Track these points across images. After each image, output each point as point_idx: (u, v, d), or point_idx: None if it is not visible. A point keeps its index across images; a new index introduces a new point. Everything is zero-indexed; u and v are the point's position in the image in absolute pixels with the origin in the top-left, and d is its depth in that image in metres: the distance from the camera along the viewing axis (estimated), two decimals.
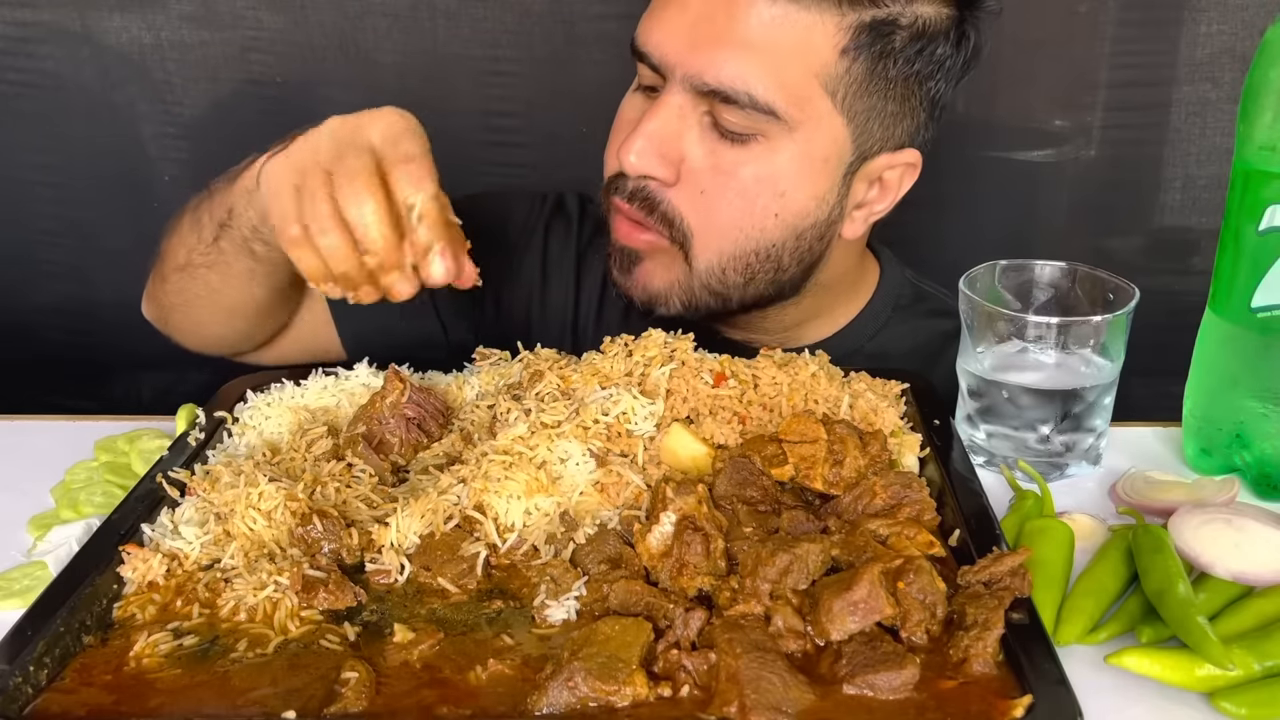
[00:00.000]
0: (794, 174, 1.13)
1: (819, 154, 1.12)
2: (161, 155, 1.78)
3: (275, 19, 1.70)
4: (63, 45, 1.71)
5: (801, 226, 1.16)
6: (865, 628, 0.75)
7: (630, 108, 1.19)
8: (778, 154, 1.11)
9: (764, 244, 1.16)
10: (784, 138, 1.10)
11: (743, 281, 1.18)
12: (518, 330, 1.35)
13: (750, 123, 1.09)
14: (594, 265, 1.36)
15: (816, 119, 1.10)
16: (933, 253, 1.49)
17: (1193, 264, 1.82)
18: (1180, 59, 1.70)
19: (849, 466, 0.92)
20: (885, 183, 1.19)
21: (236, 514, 0.87)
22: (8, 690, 0.71)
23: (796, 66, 1.08)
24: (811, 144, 1.11)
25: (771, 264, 1.18)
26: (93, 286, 1.85)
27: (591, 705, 0.70)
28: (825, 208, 1.16)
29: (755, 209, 1.14)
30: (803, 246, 1.18)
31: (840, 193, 1.16)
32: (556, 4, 1.69)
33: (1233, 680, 0.77)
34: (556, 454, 0.93)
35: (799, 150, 1.11)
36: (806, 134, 1.11)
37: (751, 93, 1.07)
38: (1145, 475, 1.04)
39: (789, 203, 1.14)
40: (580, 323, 1.37)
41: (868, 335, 1.32)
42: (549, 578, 0.83)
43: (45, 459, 1.10)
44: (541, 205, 1.40)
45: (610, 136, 1.21)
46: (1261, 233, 0.97)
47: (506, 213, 1.38)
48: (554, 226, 1.39)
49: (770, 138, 1.10)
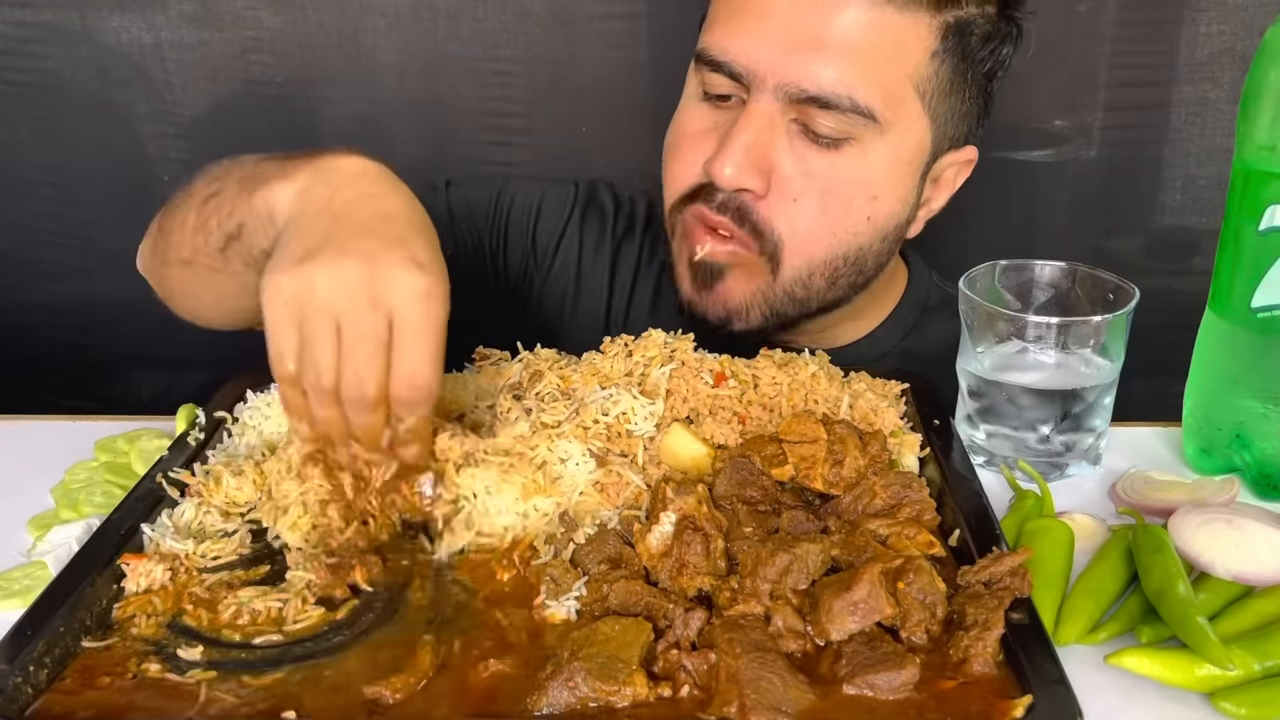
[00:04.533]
0: (885, 176, 1.13)
1: (906, 156, 1.13)
2: (161, 155, 1.78)
3: (275, 19, 1.70)
4: (63, 45, 1.71)
5: (888, 228, 1.17)
6: (865, 628, 0.75)
7: (693, 118, 1.17)
8: (869, 156, 1.11)
9: (854, 248, 1.16)
10: (876, 140, 1.10)
11: (826, 286, 1.17)
12: (551, 322, 1.35)
13: (845, 126, 1.09)
14: (628, 255, 1.36)
15: (908, 121, 1.11)
16: (933, 253, 1.49)
17: (1193, 264, 1.82)
18: (1180, 59, 1.70)
19: (849, 466, 0.92)
20: (943, 180, 1.20)
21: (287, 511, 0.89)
22: (8, 690, 0.71)
23: (893, 69, 1.08)
24: (901, 146, 1.12)
25: (856, 267, 1.17)
26: (93, 286, 1.85)
27: (591, 705, 0.70)
28: (907, 209, 1.17)
29: (850, 213, 1.13)
30: (886, 248, 1.18)
31: (918, 193, 1.18)
32: (556, 4, 1.69)
33: (1233, 680, 0.77)
34: (556, 454, 0.93)
35: (890, 152, 1.11)
36: (898, 136, 1.11)
37: (854, 96, 1.07)
38: (1145, 475, 1.04)
39: (880, 205, 1.14)
40: (613, 314, 1.36)
41: (898, 337, 1.32)
42: (549, 578, 0.83)
43: (45, 459, 1.09)
44: (576, 194, 1.38)
45: (671, 148, 1.19)
46: (1261, 233, 0.97)
47: (541, 200, 1.37)
48: (589, 217, 1.37)
49: (862, 141, 1.10)
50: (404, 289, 0.80)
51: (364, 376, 0.80)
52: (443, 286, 0.82)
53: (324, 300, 0.79)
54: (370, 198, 0.86)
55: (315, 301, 0.80)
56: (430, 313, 0.80)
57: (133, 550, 0.87)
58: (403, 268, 0.80)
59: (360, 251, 0.80)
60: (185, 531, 0.89)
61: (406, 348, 0.80)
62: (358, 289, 0.79)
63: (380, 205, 0.86)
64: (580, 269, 1.36)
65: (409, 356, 0.80)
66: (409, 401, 0.82)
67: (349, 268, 0.79)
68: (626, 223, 1.38)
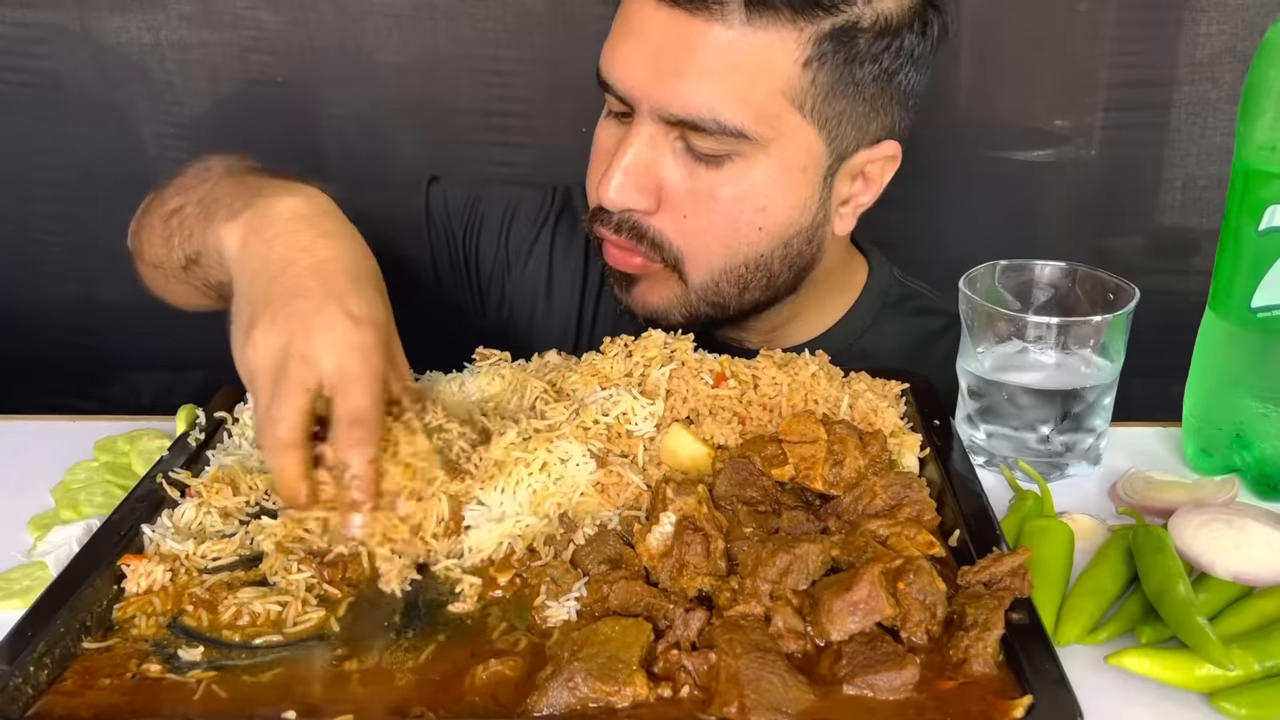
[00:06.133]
0: (772, 188, 1.13)
1: (794, 165, 1.13)
2: (161, 155, 1.78)
3: (275, 19, 1.70)
4: (63, 45, 1.72)
5: (787, 235, 1.17)
6: (865, 628, 0.75)
7: (605, 136, 1.19)
8: (754, 170, 1.12)
9: (752, 256, 1.17)
10: (758, 154, 1.11)
11: (737, 292, 1.19)
12: (521, 325, 1.36)
13: (722, 145, 1.10)
14: (597, 259, 1.37)
15: (788, 132, 1.10)
16: (933, 253, 1.49)
17: (1193, 264, 1.82)
18: (1180, 59, 1.70)
19: (849, 467, 0.92)
20: (868, 176, 1.20)
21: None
22: (8, 690, 0.71)
23: (760, 86, 1.08)
24: (786, 157, 1.12)
25: (763, 273, 1.19)
26: (93, 286, 1.85)
27: (591, 706, 0.70)
28: (809, 214, 1.17)
29: (739, 226, 1.14)
30: (791, 252, 1.19)
31: (823, 196, 1.17)
32: (557, 4, 1.69)
33: (1233, 680, 0.77)
34: (556, 455, 0.93)
35: (774, 164, 1.12)
36: (780, 148, 1.11)
37: (719, 118, 1.07)
38: (1145, 475, 1.04)
39: (772, 215, 1.15)
40: (584, 317, 1.37)
41: (856, 334, 1.32)
42: (549, 578, 0.83)
43: (45, 459, 1.09)
44: (551, 199, 1.40)
45: (590, 165, 1.22)
46: (1261, 233, 0.97)
47: (515, 206, 1.39)
48: (561, 223, 1.39)
49: (745, 156, 1.11)
50: (334, 347, 0.83)
51: (278, 416, 0.83)
52: (374, 329, 0.85)
53: (263, 365, 0.84)
54: (302, 250, 0.89)
55: (257, 368, 0.84)
56: (363, 361, 0.84)
57: (133, 551, 0.87)
58: (333, 328, 0.84)
59: (291, 316, 0.84)
60: (185, 532, 0.89)
61: (345, 394, 0.83)
62: (289, 352, 0.83)
63: (311, 258, 0.88)
64: (551, 273, 1.38)
65: (351, 399, 0.83)
66: (353, 441, 0.83)
67: (280, 335, 0.84)
68: None
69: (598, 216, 1.18)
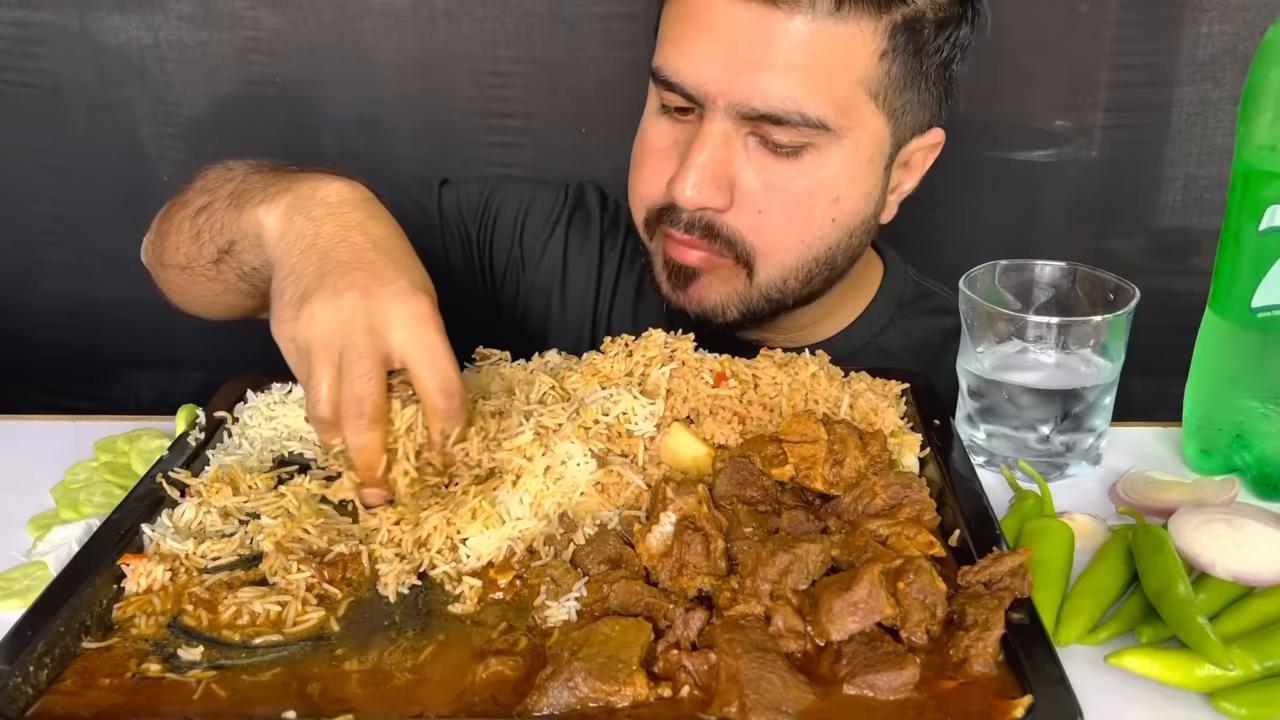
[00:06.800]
0: (845, 179, 1.14)
1: (864, 155, 1.14)
2: (161, 155, 1.78)
3: (275, 19, 1.70)
4: (62, 45, 1.71)
5: (853, 225, 1.18)
6: (865, 628, 0.75)
7: (656, 134, 1.18)
8: (828, 162, 1.12)
9: (824, 249, 1.17)
10: (833, 145, 1.11)
11: (800, 286, 1.20)
12: (535, 323, 1.36)
13: (800, 137, 1.10)
14: (611, 256, 1.38)
15: (862, 122, 1.12)
16: (933, 253, 1.49)
17: (1193, 264, 1.82)
18: (1181, 59, 1.70)
19: (849, 466, 0.92)
20: (912, 163, 1.22)
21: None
22: (8, 690, 0.71)
23: (841, 77, 1.08)
24: (859, 147, 1.13)
25: (828, 266, 1.19)
26: (93, 286, 1.85)
27: (591, 705, 0.70)
28: (873, 203, 1.18)
29: (814, 218, 1.15)
30: (855, 243, 1.20)
31: (883, 185, 1.19)
32: (556, 4, 1.69)
33: (1233, 680, 0.77)
34: (557, 455, 0.93)
35: (846, 155, 1.13)
36: (854, 138, 1.12)
37: (803, 110, 1.08)
38: (1145, 475, 1.04)
39: (843, 206, 1.15)
40: (599, 314, 1.38)
41: (873, 332, 1.32)
42: (549, 578, 0.83)
43: (45, 459, 1.09)
44: (565, 196, 1.40)
45: (636, 163, 1.20)
46: (1261, 233, 0.97)
47: (529, 203, 1.39)
48: (575, 219, 1.39)
49: (820, 148, 1.11)
50: (402, 318, 0.85)
51: (360, 393, 0.84)
52: (434, 304, 0.87)
53: (323, 336, 0.85)
54: (352, 229, 0.91)
55: (315, 339, 0.85)
56: (437, 330, 0.86)
57: (133, 550, 0.87)
58: (397, 298, 0.85)
59: (354, 286, 0.85)
60: (185, 532, 0.89)
61: (427, 366, 0.86)
62: (354, 321, 0.84)
63: (363, 235, 0.90)
64: (566, 270, 1.38)
65: (437, 372, 0.86)
66: (449, 411, 0.87)
67: (345, 303, 0.85)
68: (610, 224, 1.40)
69: (665, 216, 1.16)
